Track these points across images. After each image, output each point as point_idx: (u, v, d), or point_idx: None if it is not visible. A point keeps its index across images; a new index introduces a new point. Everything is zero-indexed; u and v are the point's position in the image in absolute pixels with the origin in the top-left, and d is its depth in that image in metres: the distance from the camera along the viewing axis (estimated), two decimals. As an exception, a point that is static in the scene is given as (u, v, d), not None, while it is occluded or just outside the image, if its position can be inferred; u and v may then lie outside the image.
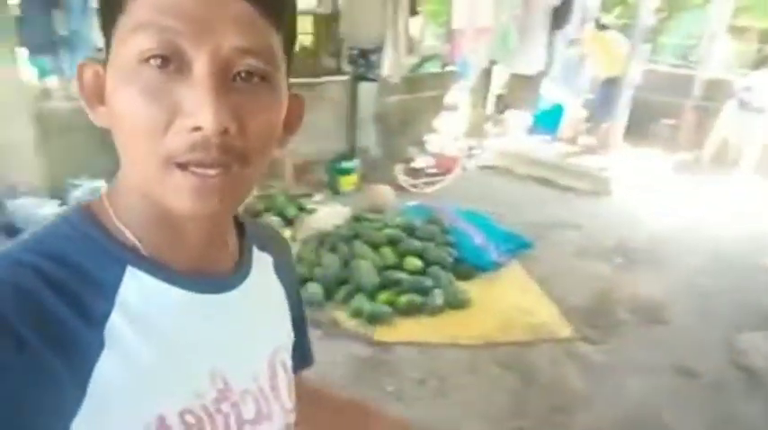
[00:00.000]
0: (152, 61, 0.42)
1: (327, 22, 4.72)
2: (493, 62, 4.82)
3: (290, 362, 0.65)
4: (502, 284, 3.42)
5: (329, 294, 3.17)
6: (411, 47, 4.35)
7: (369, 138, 5.62)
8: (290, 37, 0.51)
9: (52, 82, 3.49)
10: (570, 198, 4.99)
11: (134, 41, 0.43)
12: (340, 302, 3.13)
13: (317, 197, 4.74)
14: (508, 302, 3.22)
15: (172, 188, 0.45)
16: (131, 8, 0.43)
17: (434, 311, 3.06)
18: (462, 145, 5.54)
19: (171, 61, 0.43)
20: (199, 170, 0.44)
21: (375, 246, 3.40)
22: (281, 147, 0.54)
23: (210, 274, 0.55)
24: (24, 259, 0.45)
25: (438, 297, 3.10)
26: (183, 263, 0.53)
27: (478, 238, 3.60)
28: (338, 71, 4.80)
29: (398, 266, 3.31)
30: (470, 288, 3.30)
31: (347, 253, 3.41)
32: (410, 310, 3.06)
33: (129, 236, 0.50)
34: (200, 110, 0.42)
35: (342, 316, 3.05)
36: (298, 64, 4.24)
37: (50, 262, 0.45)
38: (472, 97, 6.01)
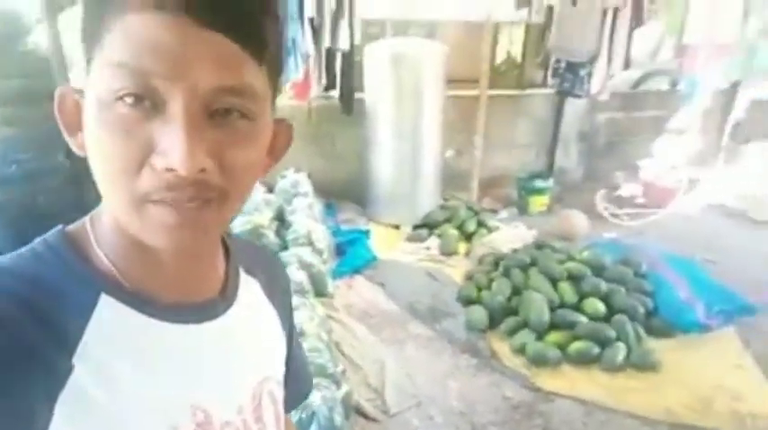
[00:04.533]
0: (126, 99, 0.41)
1: (539, 33, 4.44)
2: (735, 83, 4.01)
3: (279, 393, 0.64)
4: (706, 352, 2.80)
5: (493, 323, 2.97)
6: (629, 62, 3.83)
7: (569, 157, 5.20)
8: (275, 65, 0.50)
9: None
10: (824, 258, 3.93)
11: (108, 78, 0.42)
12: (504, 334, 2.89)
13: (503, 214, 4.53)
14: (711, 377, 2.62)
15: (147, 223, 0.44)
16: (107, 43, 0.42)
17: (612, 367, 2.64)
18: (683, 176, 4.75)
19: (145, 99, 0.42)
20: (175, 203, 0.43)
21: (553, 280, 3.07)
22: (263, 175, 0.53)
23: (193, 303, 0.54)
24: None
25: (620, 351, 2.66)
26: (164, 292, 0.52)
27: (684, 291, 3.01)
28: (544, 84, 4.50)
29: (576, 307, 2.93)
30: (663, 348, 2.78)
31: (521, 281, 3.14)
32: (582, 360, 2.69)
33: (107, 263, 0.50)
34: (173, 151, 0.41)
35: (503, 349, 2.82)
36: (502, 75, 4.10)
37: (23, 283, 0.46)
38: (703, 122, 5.14)
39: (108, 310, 0.48)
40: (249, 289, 0.63)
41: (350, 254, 3.56)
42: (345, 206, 4.35)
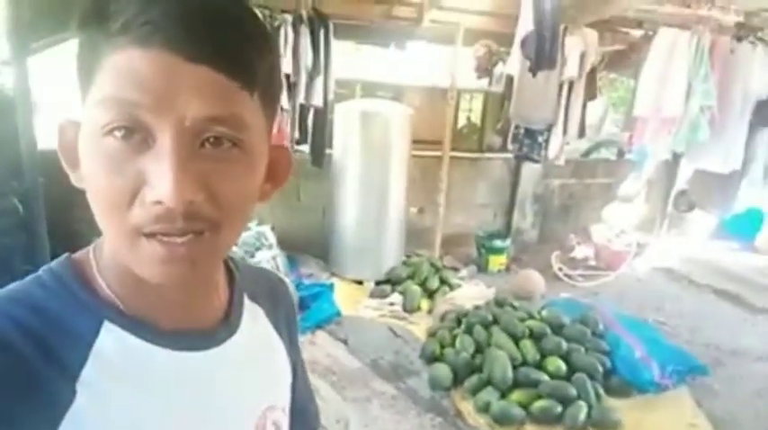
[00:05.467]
0: (116, 133, 0.42)
1: (498, 101, 4.69)
2: (678, 155, 4.33)
3: (284, 422, 0.64)
4: (662, 411, 2.87)
5: (457, 380, 2.95)
6: (583, 131, 4.09)
7: (526, 219, 5.38)
8: (269, 93, 0.49)
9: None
10: (763, 322, 4.16)
11: (97, 114, 0.43)
12: (467, 392, 2.88)
13: (463, 272, 4.58)
14: (668, 436, 2.69)
15: (140, 258, 0.44)
16: (98, 80, 0.43)
17: (574, 427, 2.65)
18: (632, 240, 5.00)
19: (135, 132, 0.42)
20: (166, 239, 0.43)
21: (515, 338, 3.11)
22: (264, 201, 0.54)
23: (195, 330, 0.54)
24: (1, 307, 0.46)
25: (581, 410, 2.68)
26: (165, 320, 0.52)
27: (639, 351, 3.10)
28: (503, 149, 4.71)
29: (538, 365, 2.96)
30: (621, 407, 2.82)
31: (484, 339, 3.17)
32: (545, 419, 2.69)
33: (108, 292, 0.50)
34: (161, 183, 0.41)
35: (467, 408, 2.80)
36: (464, 138, 4.27)
37: (27, 311, 0.46)
38: (648, 190, 5.48)
39: (110, 338, 0.48)
40: (253, 316, 0.63)
41: (314, 308, 3.51)
42: (308, 260, 4.33)
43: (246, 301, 0.63)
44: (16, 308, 0.46)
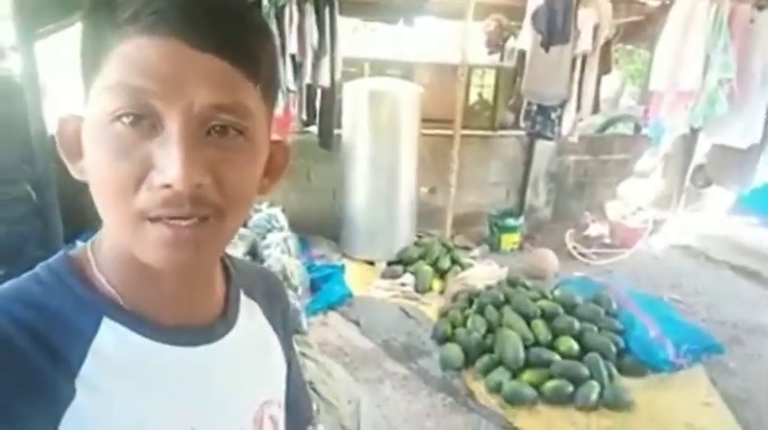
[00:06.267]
0: (124, 119, 0.42)
1: (510, 77, 4.58)
2: (695, 129, 4.22)
3: (281, 417, 0.64)
4: (676, 391, 2.84)
5: (468, 361, 2.95)
6: (598, 106, 3.99)
7: (539, 197, 5.31)
8: (270, 85, 0.50)
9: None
10: (782, 299, 4.08)
11: (105, 101, 0.43)
12: (479, 372, 2.88)
13: (475, 252, 4.56)
14: (680, 415, 2.66)
15: (146, 242, 0.44)
16: (105, 69, 0.44)
17: (586, 406, 2.65)
18: (648, 217, 4.92)
19: (143, 118, 0.43)
20: (172, 222, 0.44)
21: (527, 317, 3.09)
22: (263, 194, 0.54)
23: (193, 325, 0.55)
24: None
25: (593, 390, 2.68)
26: (165, 315, 0.52)
27: (653, 330, 3.07)
28: (516, 126, 4.63)
29: (550, 345, 2.95)
30: (634, 387, 2.81)
31: (495, 319, 3.15)
32: (557, 399, 2.69)
33: (108, 288, 0.50)
34: (170, 167, 0.42)
35: (479, 388, 2.80)
36: (475, 116, 4.17)
37: (25, 307, 0.46)
38: (665, 165, 5.36)
39: (109, 334, 0.49)
40: (249, 311, 0.63)
41: (325, 289, 3.52)
42: (319, 241, 4.33)
43: (243, 297, 0.63)
44: (13, 304, 0.46)
